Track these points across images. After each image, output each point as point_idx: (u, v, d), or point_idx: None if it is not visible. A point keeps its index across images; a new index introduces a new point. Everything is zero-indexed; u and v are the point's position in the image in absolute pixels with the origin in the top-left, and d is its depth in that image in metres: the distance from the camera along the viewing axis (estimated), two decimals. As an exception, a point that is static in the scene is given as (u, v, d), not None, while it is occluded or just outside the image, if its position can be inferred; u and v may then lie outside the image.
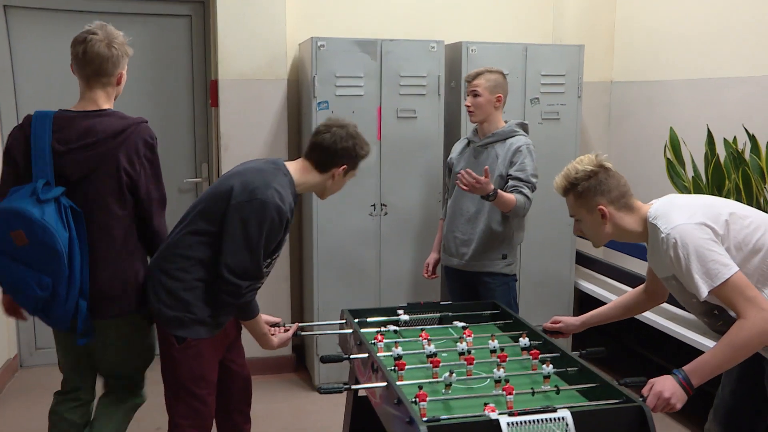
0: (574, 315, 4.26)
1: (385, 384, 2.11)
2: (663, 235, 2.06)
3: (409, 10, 4.32)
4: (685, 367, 2.03)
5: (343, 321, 2.75)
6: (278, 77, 4.00)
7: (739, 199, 3.00)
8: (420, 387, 2.02)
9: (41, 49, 4.06)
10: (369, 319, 2.74)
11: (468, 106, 3.24)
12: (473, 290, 3.33)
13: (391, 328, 2.67)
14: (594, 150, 4.48)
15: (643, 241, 2.25)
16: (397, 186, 3.91)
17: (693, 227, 2.02)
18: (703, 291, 1.99)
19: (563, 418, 1.85)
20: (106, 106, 2.43)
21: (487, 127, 3.25)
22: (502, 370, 2.17)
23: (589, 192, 2.18)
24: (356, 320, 2.71)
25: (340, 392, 2.13)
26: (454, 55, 3.97)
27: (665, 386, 2.00)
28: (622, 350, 4.01)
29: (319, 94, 3.70)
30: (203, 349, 2.40)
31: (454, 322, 2.76)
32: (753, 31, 3.39)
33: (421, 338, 2.52)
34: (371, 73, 3.78)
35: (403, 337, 2.61)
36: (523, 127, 3.29)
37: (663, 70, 4.04)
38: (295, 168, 2.46)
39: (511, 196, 3.07)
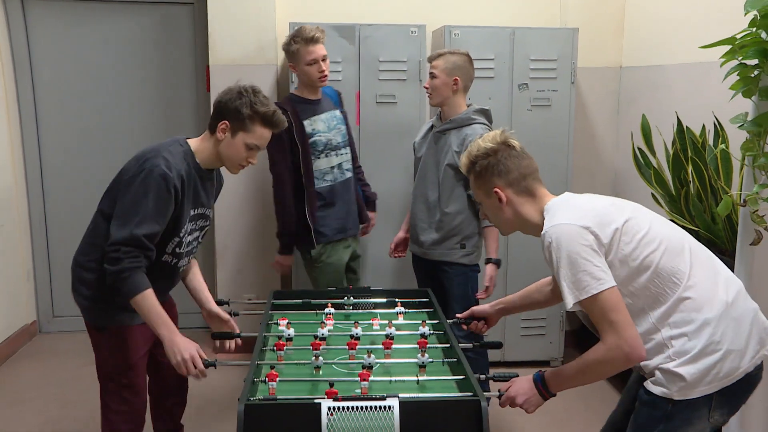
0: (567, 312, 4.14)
1: (247, 363, 2.14)
2: (543, 231, 1.87)
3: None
4: (546, 372, 1.93)
5: (264, 302, 2.80)
6: (268, 62, 4.07)
7: (696, 191, 2.79)
8: (272, 367, 2.04)
9: (57, 38, 4.34)
10: (291, 301, 2.79)
11: (426, 88, 3.16)
12: (435, 279, 3.26)
13: (329, 310, 2.66)
14: (599, 137, 4.28)
15: (538, 233, 1.97)
16: (377, 172, 3.88)
17: (574, 229, 1.79)
18: (569, 301, 1.79)
19: (390, 407, 1.82)
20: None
21: (446, 111, 3.13)
22: (372, 356, 2.15)
23: (486, 172, 1.98)
24: (276, 301, 2.77)
25: (214, 367, 2.18)
26: (437, 39, 3.89)
27: (521, 389, 1.93)
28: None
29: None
30: (127, 337, 2.34)
31: (377, 309, 2.74)
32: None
33: (326, 321, 2.54)
34: (349, 58, 3.78)
35: (312, 320, 2.63)
36: (485, 113, 3.14)
37: (675, 54, 3.76)
38: (195, 139, 2.39)
39: (493, 233, 3.06)
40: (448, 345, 2.32)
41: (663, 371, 1.79)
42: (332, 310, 2.67)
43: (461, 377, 2.07)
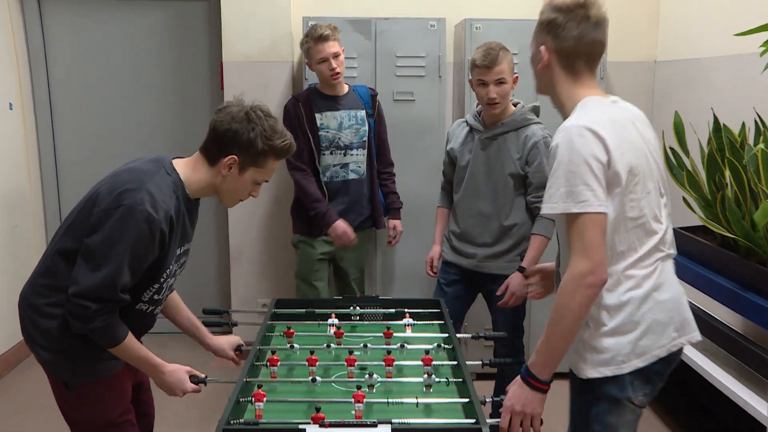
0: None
1: (234, 381, 1.99)
2: (561, 127, 1.67)
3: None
4: (529, 360, 1.74)
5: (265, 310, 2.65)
6: (283, 59, 3.93)
7: (733, 195, 2.55)
8: (259, 386, 1.89)
9: (72, 35, 4.27)
10: (294, 310, 2.63)
11: (493, 98, 2.73)
12: (480, 292, 3.03)
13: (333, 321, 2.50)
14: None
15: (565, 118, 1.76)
16: (395, 171, 3.71)
17: (591, 139, 1.60)
18: (555, 208, 1.62)
19: (381, 435, 1.65)
20: None
21: (502, 113, 2.81)
22: (375, 375, 1.99)
23: (545, 25, 1.75)
24: (277, 310, 2.62)
25: (205, 384, 2.04)
26: (458, 33, 3.70)
27: (514, 395, 1.74)
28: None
29: (310, 76, 3.58)
30: (103, 390, 1.95)
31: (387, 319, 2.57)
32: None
33: (333, 335, 2.38)
34: (365, 54, 3.62)
35: (317, 332, 2.47)
36: (536, 111, 2.87)
37: (713, 46, 3.50)
38: (186, 164, 1.97)
39: (539, 242, 2.78)
40: (455, 363, 2.14)
41: (581, 344, 1.74)
42: (336, 321, 2.51)
43: (467, 400, 1.89)
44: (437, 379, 2.01)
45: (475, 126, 2.90)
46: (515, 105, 2.87)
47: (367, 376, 1.99)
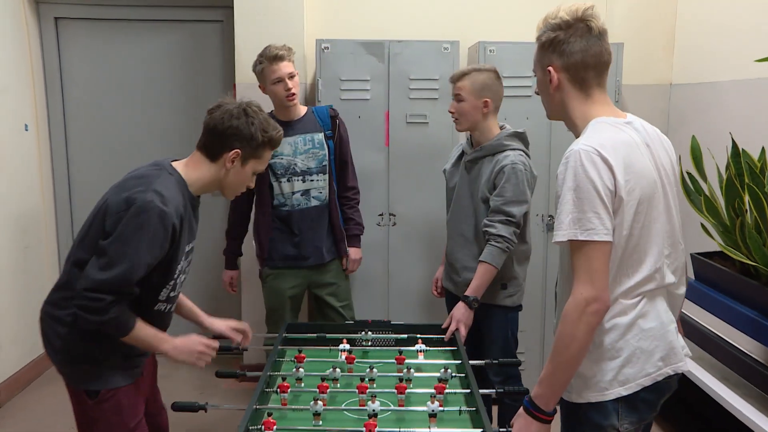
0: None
1: (244, 408, 1.95)
2: (570, 148, 1.64)
3: (426, 9, 4.05)
4: (532, 392, 1.70)
5: (275, 335, 2.63)
6: (296, 81, 3.93)
7: (753, 221, 2.51)
8: (269, 414, 1.86)
9: (88, 57, 4.31)
10: (304, 335, 2.60)
11: (452, 113, 2.83)
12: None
13: (343, 347, 2.47)
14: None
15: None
16: (407, 195, 3.70)
17: (600, 163, 1.58)
18: (562, 236, 1.60)
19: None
20: None
21: (477, 136, 2.83)
22: (377, 402, 1.94)
23: (548, 45, 1.73)
24: (287, 335, 2.59)
25: (195, 411, 2.01)
26: (471, 56, 3.69)
27: (521, 428, 1.69)
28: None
29: (324, 98, 3.59)
30: (122, 399, 2.03)
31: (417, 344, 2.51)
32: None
33: (345, 360, 2.35)
34: (378, 76, 3.61)
35: (328, 357, 2.43)
36: (519, 137, 2.81)
37: (730, 69, 3.47)
38: (185, 164, 2.08)
39: (484, 269, 2.64)
40: (468, 391, 2.10)
41: None
42: (347, 346, 2.48)
43: (480, 431, 1.85)
44: (443, 408, 1.96)
45: (465, 148, 2.90)
46: (502, 129, 2.83)
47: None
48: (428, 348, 2.49)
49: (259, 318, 4.07)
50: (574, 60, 1.70)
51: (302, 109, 3.19)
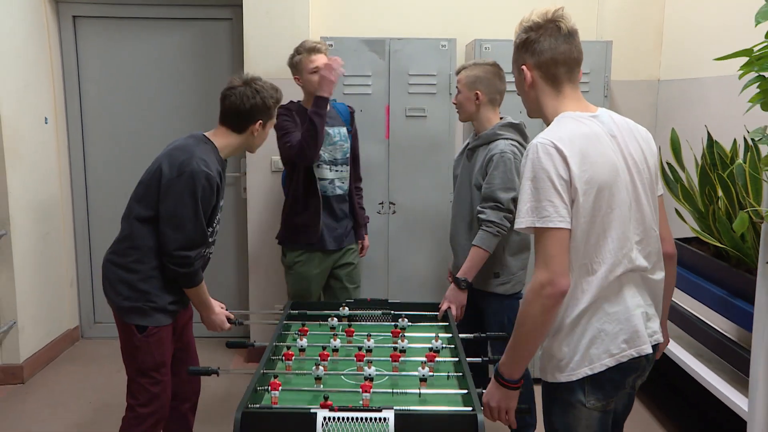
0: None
1: (252, 372, 2.17)
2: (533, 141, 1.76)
3: (425, 8, 4.26)
4: (500, 361, 1.86)
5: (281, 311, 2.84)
6: (301, 76, 4.13)
7: (724, 208, 2.70)
8: (275, 376, 2.07)
9: (104, 53, 4.53)
10: (309, 312, 2.81)
11: (454, 104, 3.07)
12: (473, 303, 3.03)
13: (334, 322, 2.69)
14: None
15: None
16: (406, 185, 3.90)
17: (555, 154, 1.70)
18: (523, 224, 1.71)
19: (385, 419, 1.82)
20: None
21: (477, 126, 3.01)
22: (373, 368, 2.15)
23: (522, 45, 1.86)
24: (293, 312, 2.80)
25: (208, 375, 2.23)
26: (468, 53, 3.89)
27: (489, 393, 1.88)
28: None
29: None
30: (163, 336, 2.52)
31: (399, 321, 2.72)
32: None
33: (344, 334, 2.56)
34: (379, 72, 3.81)
35: (328, 331, 2.65)
36: (514, 127, 2.96)
37: (712, 66, 3.64)
38: (214, 135, 2.57)
39: (474, 253, 2.80)
40: (456, 359, 2.31)
41: (543, 350, 1.87)
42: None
43: (465, 391, 2.05)
44: (432, 374, 2.17)
45: (470, 139, 3.06)
46: (502, 119, 2.99)
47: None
48: (417, 324, 2.72)
49: (267, 300, 4.27)
50: (544, 58, 1.83)
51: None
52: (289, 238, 3.35)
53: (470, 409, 1.90)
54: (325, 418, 1.81)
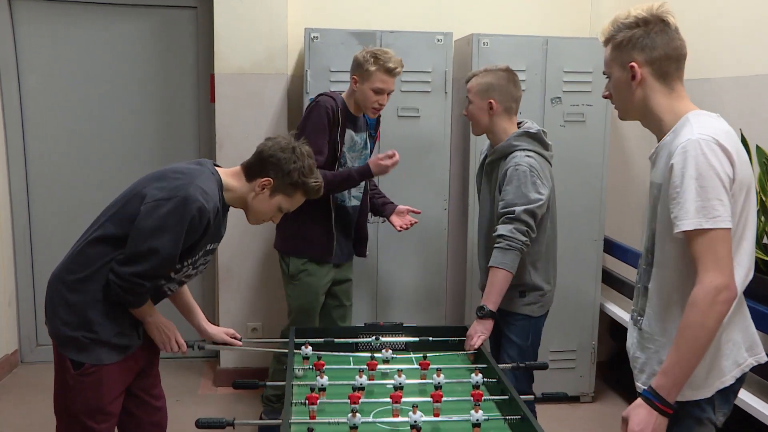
0: (600, 341, 3.84)
1: (278, 422, 1.81)
2: (685, 139, 1.63)
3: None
4: (653, 382, 1.66)
5: (286, 340, 2.48)
6: (278, 72, 3.77)
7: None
8: (310, 430, 1.72)
9: (47, 41, 4.02)
10: (312, 340, 2.45)
11: (465, 115, 2.76)
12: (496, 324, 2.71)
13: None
14: (636, 156, 3.97)
15: (661, 134, 1.76)
16: (398, 190, 3.57)
17: (719, 152, 1.60)
18: (686, 225, 1.58)
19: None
20: None
21: (492, 138, 2.72)
22: (419, 413, 1.82)
23: (627, 43, 1.74)
24: (299, 340, 2.44)
25: (222, 428, 1.85)
26: (464, 48, 3.61)
27: (641, 421, 1.64)
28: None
29: (312, 90, 3.43)
30: (104, 377, 2.10)
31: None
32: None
33: (366, 367, 2.22)
34: (369, 68, 3.48)
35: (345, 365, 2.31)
36: (531, 136, 2.64)
37: (723, 66, 3.50)
38: (224, 171, 2.21)
39: (492, 275, 2.51)
40: (506, 397, 2.01)
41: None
42: (366, 354, 2.38)
43: (531, 440, 1.76)
44: (487, 417, 1.86)
45: (488, 151, 2.79)
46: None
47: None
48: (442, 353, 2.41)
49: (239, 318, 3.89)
50: (657, 54, 1.72)
51: None
52: (297, 247, 3.08)
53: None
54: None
